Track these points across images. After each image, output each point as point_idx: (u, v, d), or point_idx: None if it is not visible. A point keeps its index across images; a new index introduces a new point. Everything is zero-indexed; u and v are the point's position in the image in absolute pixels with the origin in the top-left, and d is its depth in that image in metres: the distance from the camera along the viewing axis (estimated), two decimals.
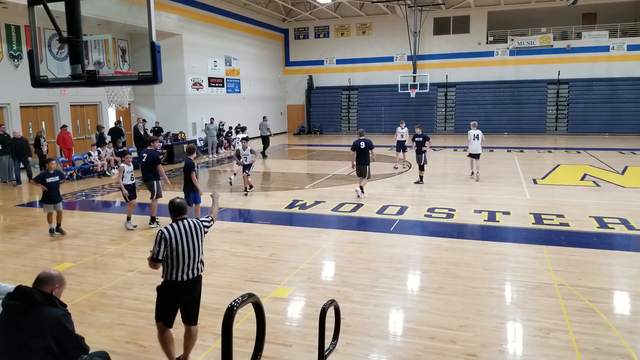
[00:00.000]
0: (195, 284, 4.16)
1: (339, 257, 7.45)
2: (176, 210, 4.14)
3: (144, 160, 9.21)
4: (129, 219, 9.20)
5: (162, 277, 4.10)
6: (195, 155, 8.95)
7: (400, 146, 15.86)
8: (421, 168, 12.94)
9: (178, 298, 4.10)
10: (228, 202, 11.43)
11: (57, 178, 8.67)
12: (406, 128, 16.01)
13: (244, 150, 12.05)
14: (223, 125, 22.95)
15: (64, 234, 8.71)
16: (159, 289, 4.14)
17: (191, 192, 8.69)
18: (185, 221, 4.11)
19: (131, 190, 9.14)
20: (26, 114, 17.27)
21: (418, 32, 27.46)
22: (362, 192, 11.30)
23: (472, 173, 13.89)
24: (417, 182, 13.04)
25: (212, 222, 4.38)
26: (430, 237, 8.32)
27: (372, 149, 11.09)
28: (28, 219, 10.26)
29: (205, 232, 4.25)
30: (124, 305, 5.70)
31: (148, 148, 9.63)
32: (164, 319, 4.15)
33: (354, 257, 7.28)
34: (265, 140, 20.63)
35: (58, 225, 8.79)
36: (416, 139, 12.95)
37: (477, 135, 13.89)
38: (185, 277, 4.04)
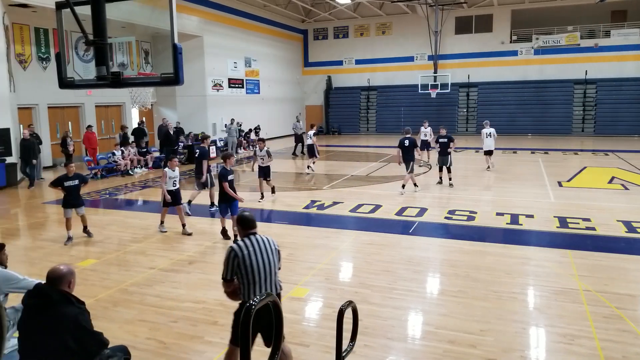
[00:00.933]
0: None
1: (357, 258, 7.42)
2: (247, 223, 3.82)
3: (197, 155, 10.57)
4: (162, 222, 8.96)
5: (240, 299, 3.76)
6: (231, 163, 8.42)
7: (425, 145, 16.55)
8: (448, 170, 12.77)
9: (259, 320, 3.51)
10: (246, 203, 11.49)
11: (76, 182, 8.31)
12: (429, 127, 16.75)
13: (261, 151, 11.51)
14: (240, 125, 23.11)
15: (91, 236, 8.54)
16: (236, 313, 3.77)
17: (223, 203, 8.10)
18: (257, 236, 3.80)
19: (172, 195, 8.70)
20: (53, 114, 17.72)
21: (439, 31, 27.20)
22: (413, 187, 12.05)
23: (488, 167, 15.23)
24: (439, 183, 12.96)
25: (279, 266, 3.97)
26: (450, 240, 8.22)
27: (416, 147, 12.01)
28: (54, 216, 10.51)
29: (279, 257, 3.89)
30: (145, 302, 5.79)
31: (201, 145, 11.02)
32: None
33: (372, 259, 7.24)
34: (298, 139, 21.06)
35: (85, 227, 8.60)
36: (440, 140, 12.80)
37: (490, 133, 15.08)
38: None
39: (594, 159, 18.26)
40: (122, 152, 16.22)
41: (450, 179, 12.77)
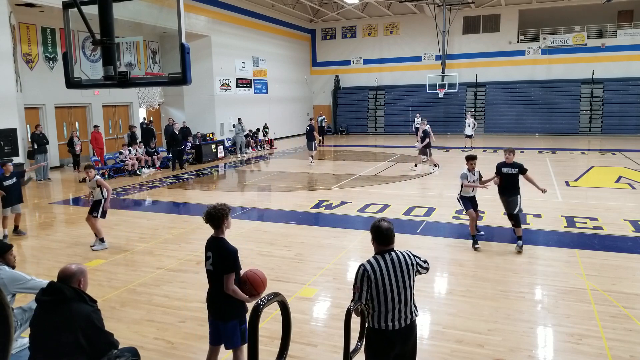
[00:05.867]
0: (409, 332, 3.36)
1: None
2: (382, 238, 3.34)
3: (309, 130, 17.06)
4: None
5: (368, 324, 3.35)
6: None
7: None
8: (514, 219, 7.71)
9: (390, 350, 3.32)
10: (254, 202, 11.53)
11: (14, 180, 8.42)
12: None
13: (89, 181, 8.03)
14: (242, 124, 22.95)
15: (24, 235, 8.69)
16: (366, 340, 3.38)
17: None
18: (392, 254, 3.33)
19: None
20: (60, 114, 17.85)
21: (447, 31, 27.10)
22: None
23: (470, 147, 19.38)
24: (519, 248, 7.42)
25: (427, 266, 3.51)
26: (458, 239, 8.19)
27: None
28: (62, 216, 10.59)
29: (420, 273, 3.46)
30: (153, 302, 5.82)
31: (310, 124, 17.44)
32: None
33: None
34: (320, 132, 24.93)
35: (16, 227, 8.65)
36: (504, 171, 7.83)
37: (470, 123, 20.23)
38: (396, 325, 3.26)
39: (601, 158, 18.13)
40: (130, 151, 16.30)
41: (519, 238, 7.53)
